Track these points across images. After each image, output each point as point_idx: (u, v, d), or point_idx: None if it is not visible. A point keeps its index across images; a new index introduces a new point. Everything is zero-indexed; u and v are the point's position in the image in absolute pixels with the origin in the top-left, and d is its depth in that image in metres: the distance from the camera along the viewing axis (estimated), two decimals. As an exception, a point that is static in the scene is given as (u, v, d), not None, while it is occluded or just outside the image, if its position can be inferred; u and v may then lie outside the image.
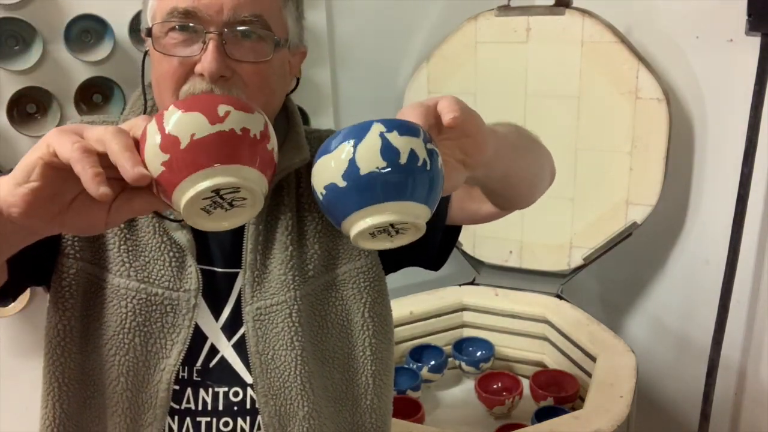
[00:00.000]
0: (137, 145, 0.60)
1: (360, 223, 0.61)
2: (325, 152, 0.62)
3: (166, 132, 0.58)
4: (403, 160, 0.60)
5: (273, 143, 0.63)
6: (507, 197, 0.88)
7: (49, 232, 0.64)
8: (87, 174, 0.56)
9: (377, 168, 0.59)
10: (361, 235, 0.62)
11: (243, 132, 0.59)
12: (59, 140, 0.58)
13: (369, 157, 0.59)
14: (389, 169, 0.59)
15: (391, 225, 0.62)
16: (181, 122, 0.58)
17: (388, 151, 0.59)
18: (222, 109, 0.59)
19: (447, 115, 0.62)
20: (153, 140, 0.59)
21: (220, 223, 0.64)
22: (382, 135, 0.60)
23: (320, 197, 0.62)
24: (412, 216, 0.62)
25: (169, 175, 0.59)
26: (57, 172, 0.58)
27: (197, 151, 0.58)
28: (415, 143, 0.61)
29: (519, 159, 0.81)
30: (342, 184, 0.60)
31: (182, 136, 0.58)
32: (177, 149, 0.58)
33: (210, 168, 0.59)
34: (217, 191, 0.60)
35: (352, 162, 0.59)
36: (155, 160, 0.59)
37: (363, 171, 0.59)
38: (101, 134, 0.58)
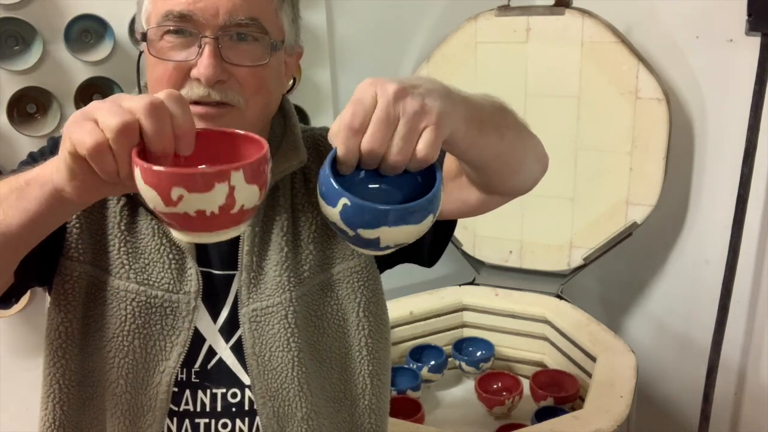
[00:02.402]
0: None
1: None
2: (404, 221, 0.64)
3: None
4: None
5: (244, 199, 0.62)
6: (487, 175, 0.82)
7: (110, 195, 0.69)
8: (103, 174, 0.60)
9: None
10: None
11: (198, 213, 0.60)
12: (77, 134, 0.59)
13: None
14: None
15: None
16: (142, 190, 0.60)
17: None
18: (175, 193, 0.59)
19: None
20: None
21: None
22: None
23: (381, 246, 0.66)
24: None
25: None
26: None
27: (164, 217, 0.61)
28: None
29: (493, 144, 0.77)
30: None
31: (148, 201, 0.60)
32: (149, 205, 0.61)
33: (181, 231, 0.63)
34: None
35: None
36: None
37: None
38: (108, 129, 0.59)
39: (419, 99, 0.63)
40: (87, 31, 1.55)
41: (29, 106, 1.54)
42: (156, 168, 0.58)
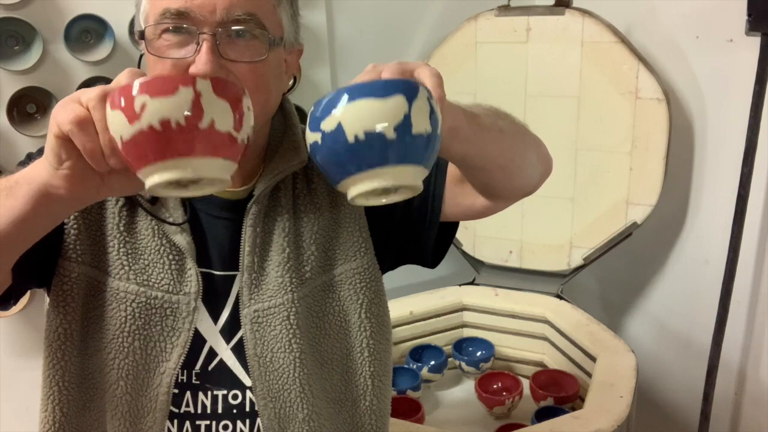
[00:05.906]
0: None
1: (396, 178, 0.61)
2: (361, 95, 0.59)
3: (107, 128, 0.59)
4: (438, 129, 0.62)
5: (214, 112, 0.58)
6: (486, 181, 0.83)
7: (99, 198, 0.67)
8: (85, 151, 0.60)
9: (425, 131, 0.61)
10: (376, 191, 0.62)
11: (163, 125, 0.56)
12: (61, 115, 0.59)
13: (420, 118, 0.60)
14: (431, 134, 0.61)
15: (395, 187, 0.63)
16: (110, 121, 0.58)
17: (433, 117, 0.62)
18: (138, 102, 0.56)
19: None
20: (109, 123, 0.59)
21: (192, 193, 0.63)
22: (428, 100, 0.61)
23: (349, 140, 0.59)
24: (420, 180, 0.64)
25: (126, 160, 0.60)
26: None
27: (131, 152, 0.58)
28: (439, 111, 0.63)
29: (494, 139, 0.77)
30: (392, 135, 0.59)
31: (115, 135, 0.58)
32: (117, 147, 0.59)
33: (150, 165, 0.58)
34: (170, 182, 0.59)
35: (407, 118, 0.59)
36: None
37: (414, 130, 0.60)
38: (89, 100, 0.59)
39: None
40: (87, 31, 1.55)
41: (29, 106, 1.54)
42: (121, 85, 0.58)
